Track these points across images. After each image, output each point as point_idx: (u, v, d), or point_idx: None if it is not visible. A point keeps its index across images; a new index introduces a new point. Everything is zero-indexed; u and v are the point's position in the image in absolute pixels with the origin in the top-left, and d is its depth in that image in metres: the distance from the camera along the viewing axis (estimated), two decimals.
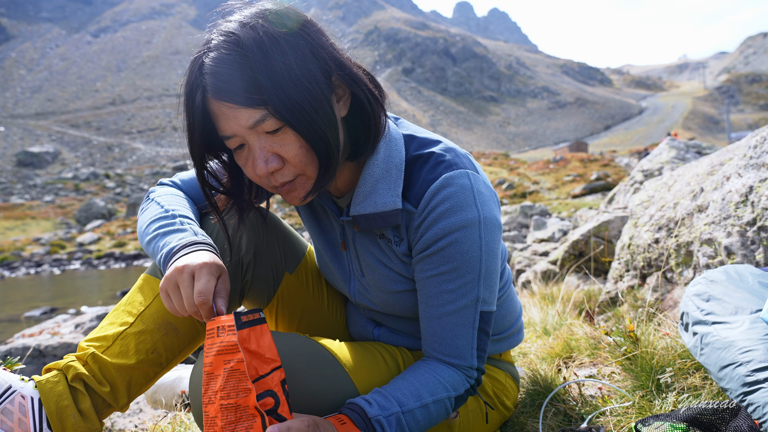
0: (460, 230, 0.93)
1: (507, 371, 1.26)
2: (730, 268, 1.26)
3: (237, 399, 0.73)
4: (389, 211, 0.96)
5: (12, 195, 50.38)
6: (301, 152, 0.88)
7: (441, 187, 0.93)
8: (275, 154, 0.88)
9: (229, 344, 0.74)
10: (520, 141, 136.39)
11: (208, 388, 0.74)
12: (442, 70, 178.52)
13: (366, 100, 0.94)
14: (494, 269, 0.98)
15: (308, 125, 0.86)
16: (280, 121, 0.84)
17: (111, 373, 0.97)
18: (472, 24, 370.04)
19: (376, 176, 0.97)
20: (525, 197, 19.50)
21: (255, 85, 0.82)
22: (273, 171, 0.89)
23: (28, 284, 16.96)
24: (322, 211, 1.14)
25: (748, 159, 1.66)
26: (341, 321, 1.29)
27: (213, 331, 0.76)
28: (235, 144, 0.90)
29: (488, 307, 0.99)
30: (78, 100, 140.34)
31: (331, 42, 0.92)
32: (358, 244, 1.06)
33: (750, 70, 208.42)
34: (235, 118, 0.85)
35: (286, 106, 0.83)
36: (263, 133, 0.87)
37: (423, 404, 0.93)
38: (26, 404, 0.89)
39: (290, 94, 0.83)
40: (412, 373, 0.98)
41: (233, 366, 0.73)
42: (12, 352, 4.71)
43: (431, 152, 0.98)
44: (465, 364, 0.99)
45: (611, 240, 2.84)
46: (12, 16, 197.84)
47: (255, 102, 0.83)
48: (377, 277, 1.06)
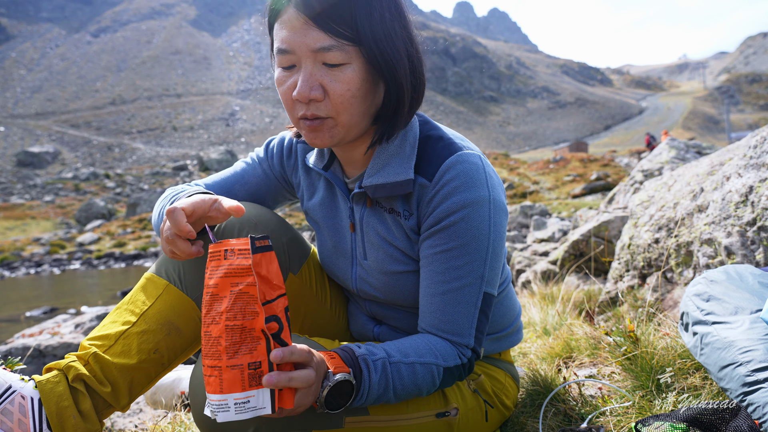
0: (471, 206, 0.95)
1: (506, 371, 1.26)
2: (730, 268, 1.26)
3: (243, 321, 0.73)
4: (402, 180, 0.98)
5: (12, 195, 50.38)
6: (348, 94, 0.91)
7: (456, 163, 0.96)
8: (321, 86, 0.91)
9: (240, 267, 0.75)
10: (520, 141, 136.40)
11: (211, 308, 0.74)
12: (442, 70, 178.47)
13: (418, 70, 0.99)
14: (500, 251, 1.00)
15: (393, 71, 0.92)
16: (364, 60, 0.90)
17: (112, 373, 0.96)
18: (472, 24, 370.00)
19: (390, 152, 1.01)
20: (525, 197, 19.51)
21: (345, 19, 0.87)
22: (312, 99, 0.91)
23: (28, 284, 16.96)
24: (330, 194, 1.16)
25: (748, 159, 1.66)
26: (343, 321, 1.30)
27: (219, 253, 0.76)
28: (287, 62, 0.92)
29: (491, 289, 1.01)
30: (78, 100, 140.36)
31: (410, 19, 0.99)
32: (365, 223, 1.08)
33: (750, 70, 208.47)
34: (304, 36, 0.88)
35: (379, 50, 0.89)
36: (321, 63, 0.90)
37: (409, 362, 0.94)
38: (26, 405, 0.89)
39: (380, 41, 0.89)
40: (403, 338, 1.00)
41: (242, 289, 0.74)
42: (12, 352, 4.71)
43: (443, 135, 1.02)
44: (462, 342, 1.00)
45: (611, 240, 2.84)
46: (12, 16, 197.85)
47: (338, 33, 0.88)
48: (380, 257, 1.08)
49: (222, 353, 0.73)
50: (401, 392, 0.94)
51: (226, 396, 0.73)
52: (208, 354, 0.74)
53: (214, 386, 0.73)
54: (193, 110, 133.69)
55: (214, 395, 0.73)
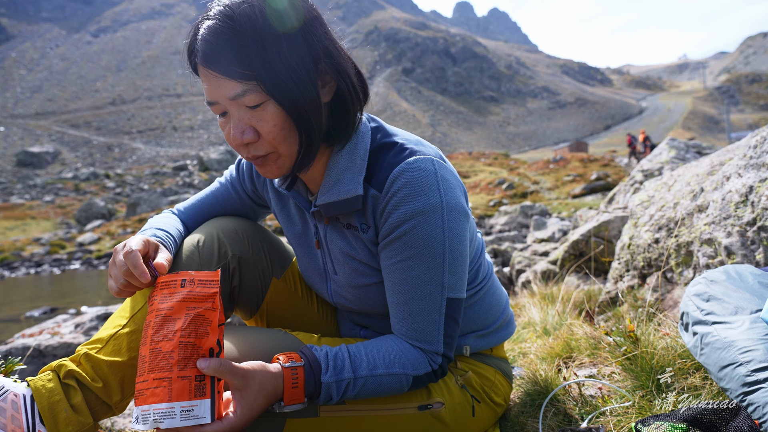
0: (422, 215, 0.94)
1: (497, 367, 1.26)
2: (730, 268, 1.26)
3: (196, 339, 0.83)
4: (351, 197, 0.99)
5: (12, 195, 50.37)
6: (276, 130, 0.92)
7: (404, 171, 0.95)
8: (252, 128, 0.93)
9: (200, 295, 0.85)
10: (520, 141, 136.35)
11: (162, 327, 0.83)
12: (442, 70, 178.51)
13: (347, 92, 0.98)
14: (460, 255, 0.99)
15: (293, 102, 0.90)
16: (267, 95, 0.89)
17: (103, 370, 0.98)
18: (472, 24, 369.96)
19: (341, 167, 1.01)
20: (525, 197, 19.50)
21: (242, 59, 0.87)
22: (247, 143, 0.94)
23: (28, 284, 16.95)
24: (298, 212, 1.18)
25: (748, 159, 1.66)
26: (332, 322, 1.31)
27: (174, 282, 0.86)
28: (218, 111, 0.94)
29: (456, 293, 1.00)
30: (78, 100, 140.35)
31: (326, 31, 0.96)
32: (329, 240, 1.09)
33: (750, 70, 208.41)
34: (219, 87, 0.89)
35: (273, 81, 0.88)
36: (243, 106, 0.91)
37: (376, 374, 0.97)
38: (18, 401, 0.91)
39: (278, 71, 0.87)
40: (376, 342, 1.02)
41: (199, 312, 0.84)
42: (12, 352, 4.71)
43: (396, 141, 1.01)
44: (431, 349, 1.01)
45: (611, 240, 2.84)
46: (12, 16, 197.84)
47: (239, 75, 0.87)
48: (347, 273, 1.09)
49: (174, 365, 0.81)
50: (363, 397, 0.98)
51: (173, 404, 0.80)
52: (157, 368, 0.82)
53: (161, 396, 0.81)
54: (193, 110, 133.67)
55: (161, 404, 0.80)
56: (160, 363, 0.81)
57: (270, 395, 0.88)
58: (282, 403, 0.91)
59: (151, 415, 0.80)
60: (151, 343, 0.83)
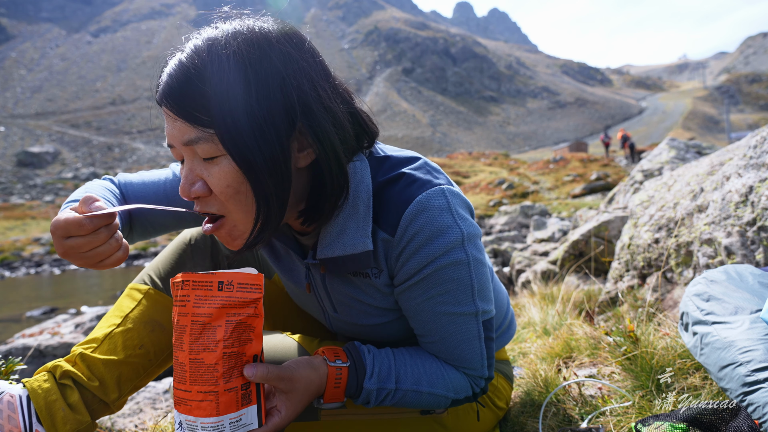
0: (445, 255, 0.87)
1: (499, 371, 1.26)
2: (730, 268, 1.26)
3: (240, 348, 0.77)
4: (359, 253, 0.88)
5: (12, 195, 50.37)
6: (228, 191, 0.80)
7: (417, 213, 0.85)
8: (204, 182, 0.81)
9: (242, 301, 0.77)
10: (520, 141, 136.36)
11: (201, 336, 0.75)
12: (442, 70, 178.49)
13: (326, 164, 0.83)
14: (485, 279, 0.95)
15: (249, 163, 0.77)
16: (222, 148, 0.77)
17: (99, 369, 0.98)
18: (472, 24, 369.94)
19: (344, 214, 0.89)
20: (525, 197, 19.49)
21: (202, 103, 0.76)
22: (196, 197, 0.83)
23: (28, 284, 16.95)
24: (284, 251, 1.05)
25: (748, 159, 1.66)
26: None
27: (208, 283, 0.75)
28: (177, 156, 0.85)
29: (488, 315, 0.97)
30: (78, 100, 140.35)
31: (316, 85, 0.82)
32: (328, 284, 0.99)
33: (750, 70, 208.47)
34: (173, 128, 0.80)
35: (231, 135, 0.76)
36: (197, 155, 0.80)
37: (419, 390, 0.95)
38: (15, 401, 0.91)
39: (239, 124, 0.75)
40: (422, 355, 0.98)
41: (242, 319, 0.77)
42: (12, 352, 4.72)
43: (401, 173, 0.90)
44: (476, 374, 0.99)
45: (611, 240, 2.84)
46: (12, 16, 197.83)
47: (195, 120, 0.77)
48: (352, 313, 1.01)
49: (219, 378, 0.75)
50: (397, 407, 0.96)
51: (222, 417, 0.76)
52: (201, 380, 0.75)
53: (209, 410, 0.76)
54: None
55: (209, 418, 0.76)
56: (204, 376, 0.76)
57: (313, 395, 0.87)
58: (321, 400, 0.90)
59: (199, 427, 0.76)
60: (190, 352, 0.76)
